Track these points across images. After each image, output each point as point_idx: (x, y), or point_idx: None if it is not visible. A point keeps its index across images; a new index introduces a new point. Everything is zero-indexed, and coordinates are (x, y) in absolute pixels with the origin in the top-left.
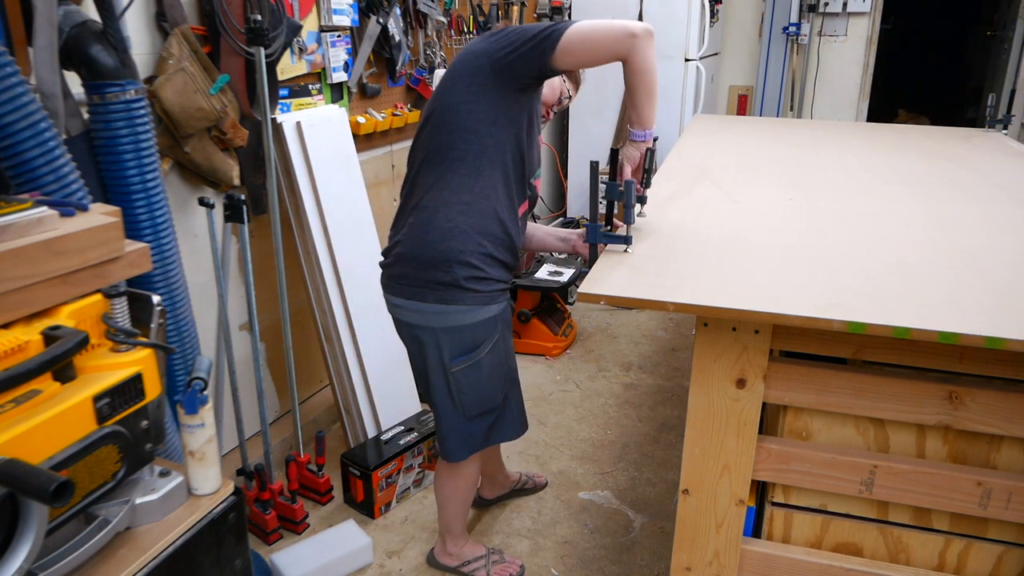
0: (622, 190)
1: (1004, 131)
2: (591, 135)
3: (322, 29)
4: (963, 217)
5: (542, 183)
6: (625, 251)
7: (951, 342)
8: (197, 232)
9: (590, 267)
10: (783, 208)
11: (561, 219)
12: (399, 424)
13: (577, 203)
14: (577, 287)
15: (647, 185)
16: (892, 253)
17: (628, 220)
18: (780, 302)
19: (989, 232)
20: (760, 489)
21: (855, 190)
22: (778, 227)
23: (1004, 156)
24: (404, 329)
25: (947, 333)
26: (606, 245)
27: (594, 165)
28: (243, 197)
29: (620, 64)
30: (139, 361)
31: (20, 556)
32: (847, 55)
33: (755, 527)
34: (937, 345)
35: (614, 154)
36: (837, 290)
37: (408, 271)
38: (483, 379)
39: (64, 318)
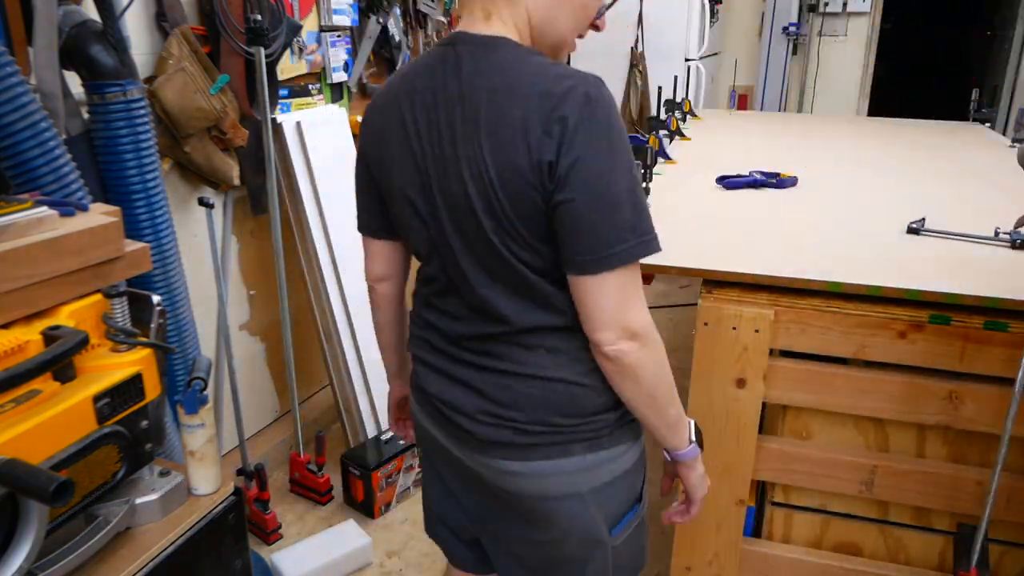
0: None
1: (987, 125)
2: None
3: (322, 29)
4: (941, 198)
5: None
6: None
7: (915, 298)
8: (197, 232)
9: None
10: (774, 193)
11: None
12: None
13: None
14: None
15: (649, 179)
16: (873, 228)
17: None
18: (773, 266)
19: (963, 212)
20: (760, 489)
21: (843, 174)
22: (771, 209)
23: (985, 147)
24: (524, 507)
25: (913, 290)
26: None
27: None
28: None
29: (616, 63)
30: (139, 361)
31: (20, 556)
32: (847, 55)
33: (755, 527)
34: (937, 345)
35: None
36: (822, 257)
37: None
38: (643, 537)
39: (64, 318)
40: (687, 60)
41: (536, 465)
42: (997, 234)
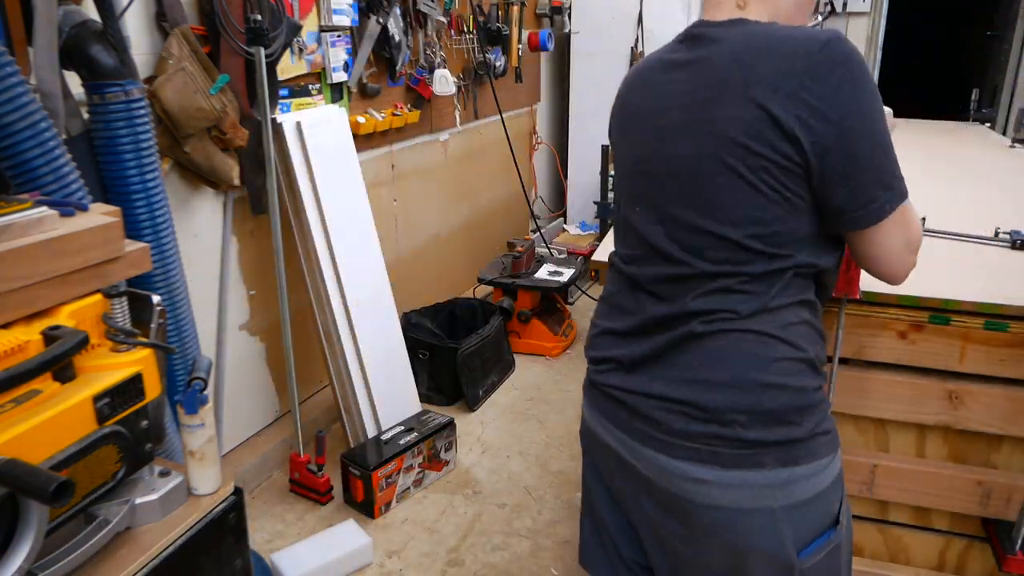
0: None
1: (987, 125)
2: (591, 135)
3: (322, 29)
4: (941, 198)
5: (542, 183)
6: None
7: (912, 304)
8: (197, 232)
9: (601, 239)
10: None
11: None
12: (399, 424)
13: (578, 203)
14: (577, 287)
15: None
16: None
17: None
18: None
19: (962, 212)
20: None
21: None
22: None
23: (985, 147)
24: (706, 520)
25: (909, 296)
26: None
27: (605, 148)
28: None
29: (616, 63)
30: (139, 361)
31: (20, 556)
32: None
33: None
34: (937, 345)
35: None
36: None
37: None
38: (837, 562)
39: (64, 318)
40: None
41: (727, 475)
42: (997, 234)
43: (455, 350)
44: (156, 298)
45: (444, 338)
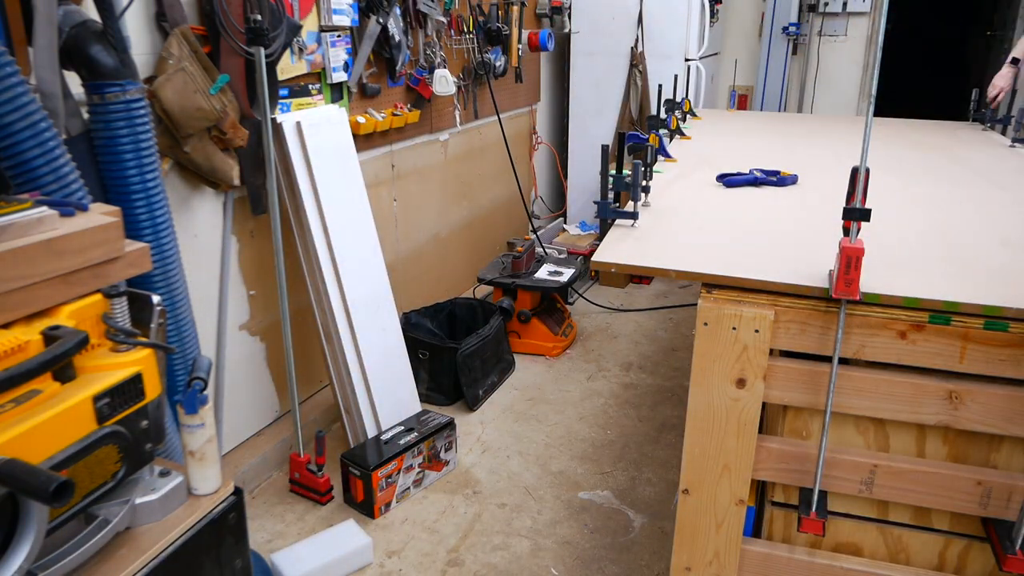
0: (628, 181)
1: (987, 125)
2: (591, 135)
3: (322, 29)
4: (944, 198)
5: (542, 183)
6: (632, 225)
7: (913, 306)
8: (197, 232)
9: (601, 239)
10: (774, 191)
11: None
12: (399, 424)
13: (578, 203)
14: (576, 288)
15: (649, 177)
16: (879, 231)
17: (635, 198)
18: (780, 273)
19: (963, 211)
20: (760, 489)
21: (843, 173)
22: (770, 207)
23: (985, 147)
24: None
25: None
26: (615, 220)
27: (605, 148)
28: None
29: (617, 63)
30: (139, 361)
31: (20, 556)
32: (847, 55)
33: (755, 527)
34: (937, 345)
35: (620, 137)
36: (822, 256)
37: None
38: None
39: (64, 318)
40: (687, 60)
41: None
42: None
43: (455, 350)
44: (156, 298)
45: (444, 338)
